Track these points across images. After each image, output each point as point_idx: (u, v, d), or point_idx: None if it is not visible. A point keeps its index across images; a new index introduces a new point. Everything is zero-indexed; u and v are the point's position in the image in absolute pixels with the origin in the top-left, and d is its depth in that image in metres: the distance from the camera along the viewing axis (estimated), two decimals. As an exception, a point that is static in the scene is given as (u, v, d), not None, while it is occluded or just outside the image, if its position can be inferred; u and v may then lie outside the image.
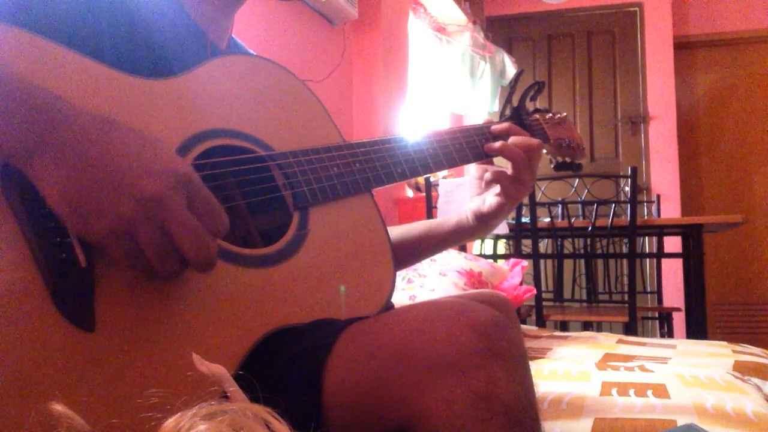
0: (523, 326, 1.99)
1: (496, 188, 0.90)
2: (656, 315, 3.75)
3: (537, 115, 1.02)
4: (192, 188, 0.53)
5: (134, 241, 0.51)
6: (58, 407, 0.34)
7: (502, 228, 2.57)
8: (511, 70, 4.29)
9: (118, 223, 0.50)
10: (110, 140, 0.52)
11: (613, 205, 2.67)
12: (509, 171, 0.88)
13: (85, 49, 0.62)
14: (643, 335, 3.55)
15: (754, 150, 4.53)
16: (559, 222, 2.79)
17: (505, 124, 0.93)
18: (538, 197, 2.80)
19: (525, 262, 2.32)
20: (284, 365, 0.61)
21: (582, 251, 2.90)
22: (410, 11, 3.50)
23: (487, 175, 0.91)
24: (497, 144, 0.89)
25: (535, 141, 0.89)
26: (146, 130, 0.57)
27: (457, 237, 0.96)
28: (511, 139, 0.89)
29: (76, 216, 0.50)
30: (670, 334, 3.30)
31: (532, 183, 0.90)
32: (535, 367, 1.20)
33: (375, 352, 0.57)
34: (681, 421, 0.87)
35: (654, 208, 3.89)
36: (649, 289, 3.87)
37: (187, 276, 0.58)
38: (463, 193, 0.96)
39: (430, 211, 2.76)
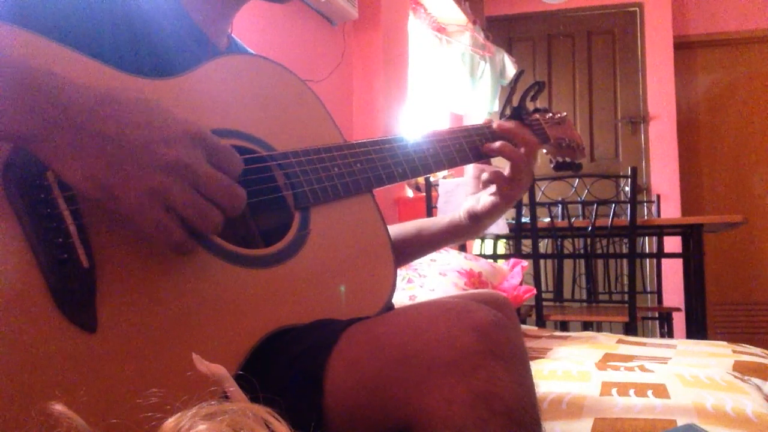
0: (523, 326, 1.99)
1: (492, 188, 0.90)
2: (656, 315, 3.76)
3: (537, 115, 1.02)
4: (207, 143, 0.56)
5: (164, 210, 0.52)
6: (58, 407, 0.34)
7: (502, 228, 2.57)
8: (511, 70, 4.29)
9: (150, 194, 0.52)
10: (121, 114, 0.53)
11: (613, 205, 2.67)
12: (506, 171, 0.88)
13: (85, 49, 0.61)
14: (643, 335, 3.56)
15: (754, 150, 4.53)
16: (559, 222, 2.79)
17: (509, 123, 0.93)
18: (538, 197, 2.80)
19: (525, 262, 2.32)
20: (285, 365, 0.61)
21: (582, 251, 2.90)
22: (410, 11, 3.50)
23: (484, 176, 0.91)
24: (496, 144, 0.89)
25: (532, 138, 0.90)
26: None
27: (450, 236, 0.96)
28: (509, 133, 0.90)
29: (103, 193, 0.51)
30: (670, 334, 3.30)
31: (529, 183, 0.90)
32: (535, 367, 1.20)
33: (376, 352, 0.57)
34: (681, 421, 0.87)
35: (654, 208, 3.89)
36: (649, 289, 3.87)
37: (188, 276, 0.58)
38: (463, 193, 0.97)
39: (430, 211, 2.75)
